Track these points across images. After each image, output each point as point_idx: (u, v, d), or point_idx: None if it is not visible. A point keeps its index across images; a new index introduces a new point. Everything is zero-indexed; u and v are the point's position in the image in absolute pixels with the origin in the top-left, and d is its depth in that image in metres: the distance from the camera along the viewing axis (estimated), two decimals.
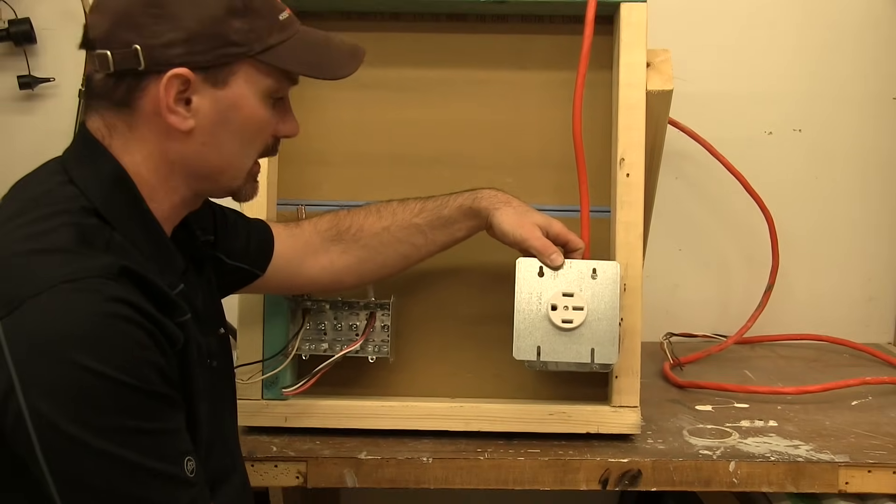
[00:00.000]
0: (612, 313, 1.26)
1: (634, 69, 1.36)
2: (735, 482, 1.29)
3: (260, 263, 1.27)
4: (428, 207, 1.31)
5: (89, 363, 0.82)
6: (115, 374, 0.83)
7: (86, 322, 0.83)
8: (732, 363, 1.78)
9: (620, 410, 1.34)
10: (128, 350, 0.85)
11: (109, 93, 0.97)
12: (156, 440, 0.86)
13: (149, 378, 0.86)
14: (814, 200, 1.98)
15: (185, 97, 0.96)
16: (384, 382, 1.42)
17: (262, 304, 1.37)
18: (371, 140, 1.43)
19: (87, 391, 0.82)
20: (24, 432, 0.82)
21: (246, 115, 1.00)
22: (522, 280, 1.26)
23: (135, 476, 0.84)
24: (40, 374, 0.82)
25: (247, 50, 0.98)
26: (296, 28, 1.04)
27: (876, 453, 1.32)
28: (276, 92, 1.03)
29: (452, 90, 1.43)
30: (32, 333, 0.83)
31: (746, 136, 1.93)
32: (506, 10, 1.40)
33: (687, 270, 2.00)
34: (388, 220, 1.31)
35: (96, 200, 0.95)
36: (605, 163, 1.40)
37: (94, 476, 0.83)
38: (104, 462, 0.83)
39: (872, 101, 1.95)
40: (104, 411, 0.83)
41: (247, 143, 1.03)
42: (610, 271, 1.26)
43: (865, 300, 2.01)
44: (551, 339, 1.25)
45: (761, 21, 1.92)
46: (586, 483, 1.30)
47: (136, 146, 0.98)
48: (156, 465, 0.85)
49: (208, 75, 0.97)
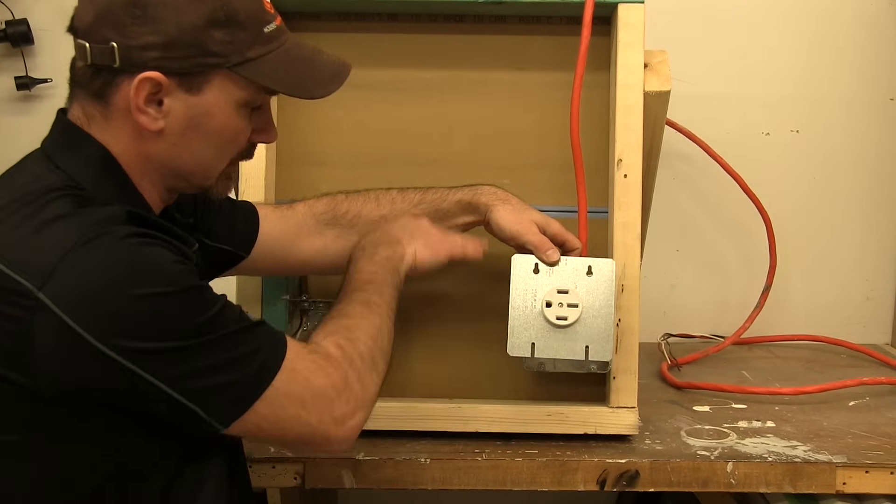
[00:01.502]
0: (607, 311, 1.26)
1: (632, 70, 1.36)
2: (733, 483, 1.29)
3: (244, 245, 1.28)
4: (427, 199, 1.32)
5: (143, 290, 0.89)
6: (167, 289, 0.91)
7: (119, 260, 0.90)
8: (730, 364, 1.78)
9: (618, 411, 1.34)
10: (164, 266, 0.92)
11: (88, 83, 0.99)
12: (222, 315, 0.95)
13: (189, 279, 0.94)
14: (811, 201, 1.98)
15: (157, 98, 0.98)
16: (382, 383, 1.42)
17: (260, 304, 1.37)
18: (369, 141, 1.43)
19: (155, 313, 0.90)
20: (123, 372, 0.90)
21: (219, 123, 1.01)
22: (517, 277, 1.26)
23: (227, 344, 0.94)
24: (107, 320, 0.89)
25: (224, 61, 0.98)
26: (282, 41, 1.04)
27: (873, 454, 1.33)
28: (253, 102, 1.04)
29: (450, 91, 1.43)
30: (80, 289, 0.88)
31: (744, 137, 1.94)
32: (503, 11, 1.40)
33: (684, 271, 2.01)
34: (386, 208, 1.32)
35: (85, 182, 0.98)
36: (602, 163, 1.40)
37: (198, 364, 0.92)
38: (201, 350, 0.92)
39: (870, 103, 1.95)
40: (177, 320, 0.92)
41: (218, 149, 1.04)
42: (606, 269, 1.26)
43: (863, 301, 2.01)
44: (546, 336, 1.25)
45: (759, 22, 1.92)
46: (584, 484, 1.30)
47: (113, 137, 1.01)
48: (232, 328, 0.95)
49: (182, 81, 0.98)
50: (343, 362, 1.03)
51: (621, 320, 1.33)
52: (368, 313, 1.10)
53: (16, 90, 1.88)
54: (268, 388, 0.96)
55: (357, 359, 1.04)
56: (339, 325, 1.08)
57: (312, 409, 0.99)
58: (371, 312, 1.11)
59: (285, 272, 1.37)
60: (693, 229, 1.99)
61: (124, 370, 0.89)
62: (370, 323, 1.09)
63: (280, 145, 1.42)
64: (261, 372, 0.96)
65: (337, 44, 1.42)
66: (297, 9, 1.41)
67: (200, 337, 0.92)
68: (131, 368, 0.89)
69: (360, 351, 1.05)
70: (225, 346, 0.94)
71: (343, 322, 1.08)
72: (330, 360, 1.02)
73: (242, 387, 0.95)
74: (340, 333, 1.06)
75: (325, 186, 1.39)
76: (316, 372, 1.00)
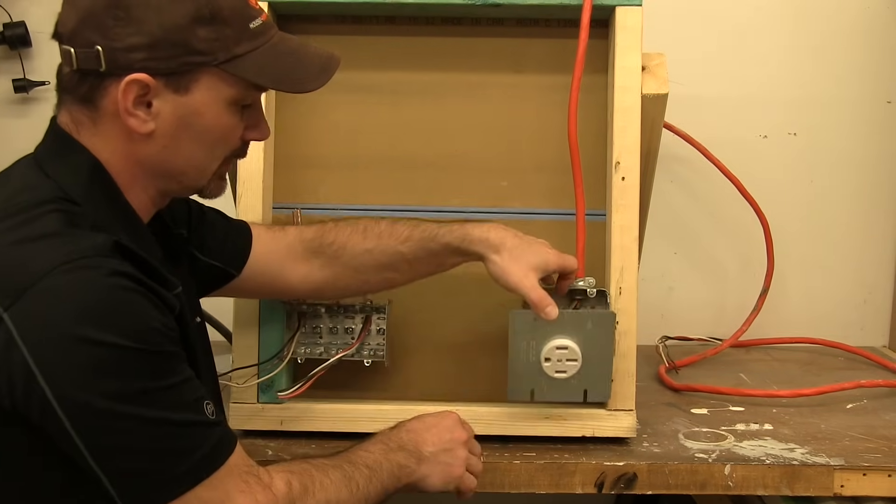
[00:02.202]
0: (606, 360, 1.28)
1: (630, 73, 1.36)
2: (730, 485, 1.29)
3: (236, 263, 1.26)
4: (415, 237, 1.27)
5: (102, 337, 0.86)
6: (129, 343, 0.87)
7: (91, 298, 0.87)
8: (728, 366, 1.78)
9: (616, 414, 1.34)
10: (135, 317, 0.88)
11: (75, 88, 0.98)
12: (174, 393, 0.91)
13: (158, 340, 0.90)
14: (808, 203, 1.98)
15: (145, 100, 0.97)
16: (380, 386, 1.42)
17: (258, 306, 1.37)
18: (367, 143, 1.43)
19: (106, 365, 0.86)
20: (54, 416, 0.86)
21: (209, 122, 1.00)
22: (516, 332, 1.27)
23: (165, 430, 0.89)
24: (58, 357, 0.86)
25: (211, 59, 0.98)
26: (268, 36, 1.03)
27: (871, 456, 1.33)
28: (243, 99, 1.03)
29: (448, 94, 1.43)
30: (41, 319, 0.86)
31: (741, 140, 1.94)
32: (501, 13, 1.40)
33: (682, 273, 2.01)
34: (372, 242, 1.28)
35: (73, 192, 0.97)
36: (600, 166, 1.40)
37: (127, 440, 0.88)
38: (134, 425, 0.88)
39: (867, 105, 1.95)
40: (125, 380, 0.87)
41: (210, 148, 1.03)
42: (605, 322, 1.28)
43: (860, 303, 2.01)
44: (545, 385, 1.28)
45: (756, 25, 1.93)
46: (582, 486, 1.30)
47: (102, 142, 0.99)
48: (180, 415, 0.91)
49: (170, 81, 0.97)
50: (281, 500, 0.98)
51: (619, 323, 1.33)
52: (343, 488, 1.05)
53: (13, 92, 1.87)
54: (188, 492, 0.91)
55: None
56: (306, 472, 1.03)
57: None
58: (346, 490, 1.05)
59: (270, 296, 1.34)
60: (691, 232, 1.99)
61: (54, 412, 0.86)
62: (337, 496, 1.04)
63: (278, 148, 1.42)
64: (187, 475, 0.91)
65: (334, 46, 1.40)
66: (294, 11, 1.41)
67: (141, 408, 0.88)
68: (59, 413, 0.86)
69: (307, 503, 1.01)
70: (162, 432, 0.89)
71: (313, 473, 1.03)
72: (266, 489, 0.97)
73: (162, 484, 0.90)
74: (301, 477, 1.02)
75: (323, 189, 1.40)
76: (244, 491, 0.95)
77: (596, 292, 1.32)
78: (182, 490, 0.91)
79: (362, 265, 1.29)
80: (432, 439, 1.16)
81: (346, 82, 1.42)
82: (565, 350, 1.26)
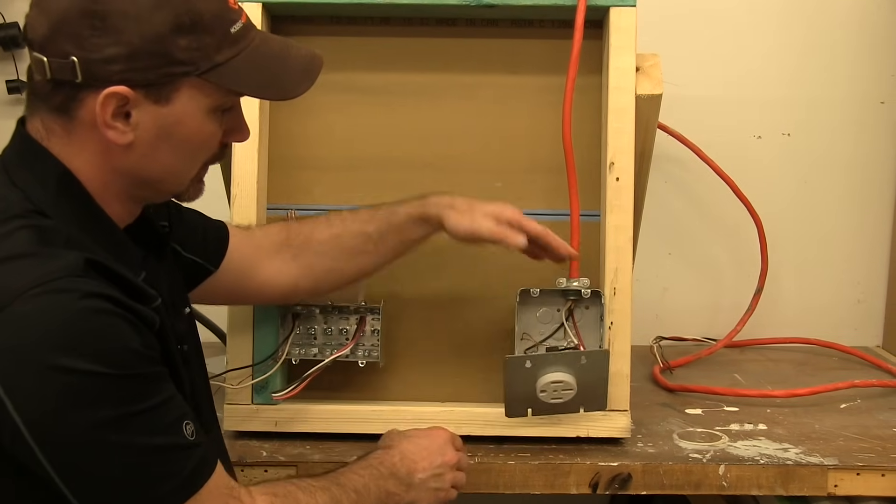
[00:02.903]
0: (601, 387, 1.30)
1: (624, 73, 1.36)
2: (725, 485, 1.30)
3: (214, 259, 1.25)
4: (378, 216, 1.29)
5: (75, 364, 0.83)
6: (103, 369, 0.84)
7: (61, 325, 0.84)
8: (722, 367, 1.78)
9: (610, 414, 1.35)
10: (109, 341, 0.85)
11: (48, 97, 0.94)
12: (151, 417, 0.88)
13: (134, 363, 0.87)
14: (802, 204, 1.98)
15: (124, 111, 0.93)
16: (374, 387, 1.42)
17: (252, 308, 1.37)
18: (361, 144, 1.43)
19: (76, 391, 0.83)
20: (24, 443, 0.83)
21: (190, 131, 0.97)
22: (511, 376, 1.28)
23: (140, 456, 0.86)
24: (27, 385, 0.82)
25: (192, 69, 0.94)
26: (249, 39, 0.99)
27: (865, 456, 1.33)
28: (224, 106, 0.99)
29: (442, 94, 1.43)
30: (10, 347, 0.83)
31: (735, 140, 1.94)
32: (496, 14, 1.40)
33: (676, 274, 2.01)
34: (337, 228, 1.30)
35: (43, 203, 0.93)
36: (594, 167, 1.40)
37: (100, 467, 0.85)
38: (107, 452, 0.85)
39: (860, 105, 1.96)
40: (97, 406, 0.84)
41: (190, 156, 1.00)
42: (599, 358, 1.29)
43: (854, 303, 2.01)
44: (542, 407, 1.30)
45: (750, 26, 1.93)
46: (577, 487, 1.30)
47: (74, 152, 0.95)
48: (157, 440, 0.88)
49: (150, 92, 0.93)
50: None
51: (613, 323, 1.34)
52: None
53: (7, 93, 1.87)
54: None
55: None
56: (290, 494, 1.02)
57: None
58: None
59: (246, 296, 1.32)
60: (685, 232, 2.00)
61: (24, 440, 0.83)
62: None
63: (272, 149, 1.42)
64: (166, 499, 0.89)
65: (329, 47, 1.42)
66: (288, 12, 1.41)
67: (115, 434, 0.85)
68: (29, 442, 0.83)
69: None
70: (139, 458, 0.87)
71: (299, 496, 1.02)
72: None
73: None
74: (286, 500, 1.00)
75: (317, 190, 1.40)
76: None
77: (590, 293, 1.32)
78: None
79: (332, 251, 1.29)
80: (423, 465, 1.17)
81: (340, 83, 1.42)
82: (560, 383, 1.28)
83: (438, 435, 1.21)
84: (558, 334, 1.35)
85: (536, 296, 1.33)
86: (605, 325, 1.34)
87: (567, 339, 1.34)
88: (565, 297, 1.34)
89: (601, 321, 1.34)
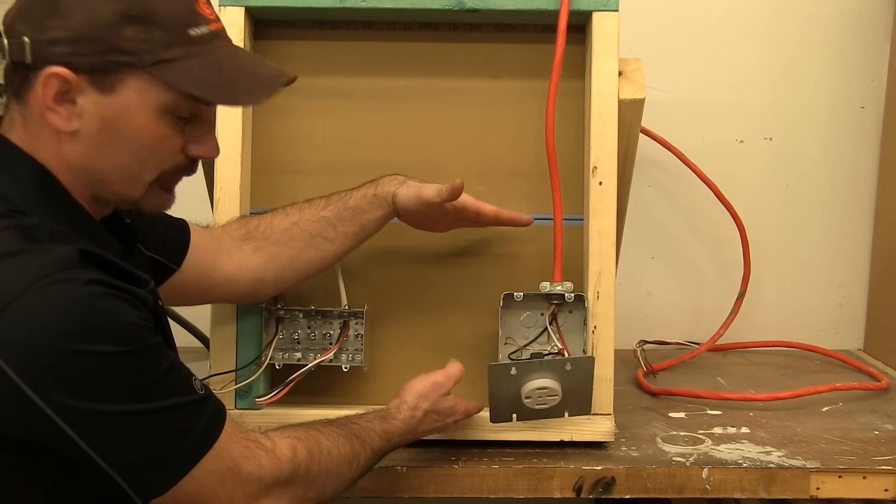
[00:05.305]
0: (586, 391, 1.30)
1: (606, 78, 1.37)
2: (708, 489, 1.30)
3: (176, 257, 1.25)
4: (333, 201, 1.32)
5: (90, 348, 0.86)
6: (116, 348, 0.88)
7: (72, 311, 0.86)
8: (705, 370, 1.79)
9: (594, 418, 1.35)
10: (116, 321, 0.89)
11: (9, 84, 0.96)
12: (165, 381, 0.93)
13: (140, 336, 0.91)
14: (784, 208, 1.99)
15: (69, 97, 0.94)
16: (358, 391, 1.42)
17: (235, 312, 1.37)
18: (344, 148, 1.43)
19: (98, 373, 0.87)
20: (55, 428, 0.87)
21: (135, 128, 0.96)
22: (496, 384, 1.28)
23: (165, 417, 0.92)
24: (50, 374, 0.86)
25: (135, 60, 0.94)
26: (213, 46, 0.98)
27: (846, 458, 1.34)
28: (178, 109, 0.98)
29: (425, 99, 1.43)
30: (24, 338, 0.85)
31: (718, 145, 1.95)
32: (478, 18, 1.41)
33: (659, 278, 2.01)
34: (295, 216, 1.32)
35: (20, 203, 0.94)
36: (577, 171, 1.40)
37: (133, 435, 0.90)
38: (137, 420, 0.90)
39: (841, 110, 1.97)
40: (119, 382, 0.89)
41: (137, 156, 0.98)
42: (584, 364, 1.29)
43: (835, 307, 2.02)
44: (527, 413, 1.30)
45: (732, 31, 1.94)
46: (560, 491, 1.30)
47: (32, 142, 0.97)
48: (176, 399, 0.93)
49: (93, 79, 0.94)
50: (286, 464, 1.01)
51: (597, 327, 1.34)
52: (346, 464, 1.09)
53: None
54: (194, 468, 0.93)
55: (305, 473, 1.03)
56: (313, 438, 1.07)
57: (230, 488, 0.97)
58: (348, 466, 1.10)
59: (210, 294, 1.32)
60: (668, 236, 2.00)
61: (54, 425, 0.86)
62: (339, 469, 1.08)
63: (255, 153, 1.42)
64: (192, 451, 0.94)
65: (311, 51, 1.42)
66: (271, 17, 1.41)
67: (138, 403, 0.90)
68: (61, 426, 0.87)
69: (312, 470, 1.04)
70: (161, 419, 0.92)
71: (322, 441, 1.07)
72: (269, 453, 1.00)
73: (170, 465, 0.93)
74: (308, 443, 1.05)
75: (300, 194, 1.39)
76: (248, 458, 0.98)
77: (574, 297, 1.33)
78: (189, 467, 0.93)
79: (291, 239, 1.30)
80: (429, 422, 1.25)
81: (323, 87, 1.42)
82: (545, 390, 1.28)
83: (437, 386, 1.26)
84: (542, 338, 1.35)
85: (520, 300, 1.33)
86: (589, 329, 1.34)
87: (551, 343, 1.34)
88: (549, 300, 1.34)
89: (584, 325, 1.34)
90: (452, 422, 1.28)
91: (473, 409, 1.31)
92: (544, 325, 1.35)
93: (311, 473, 1.04)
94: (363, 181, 1.35)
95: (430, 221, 1.33)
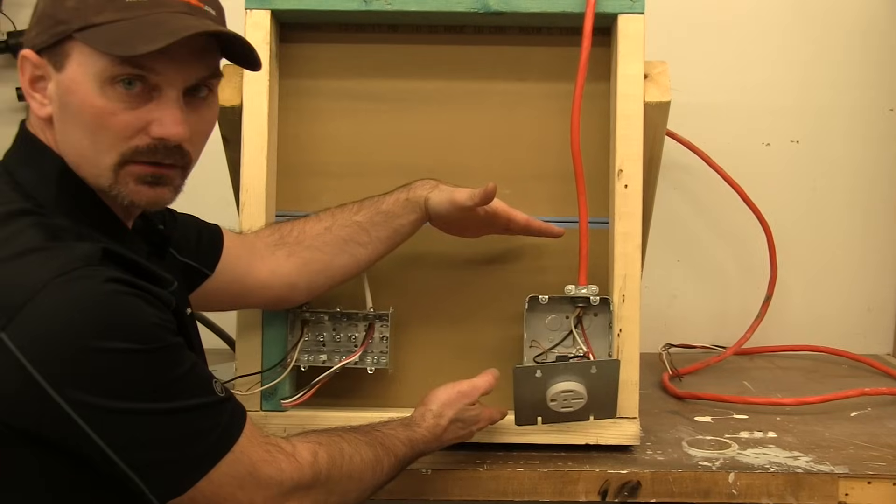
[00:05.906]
0: (611, 394, 1.29)
1: (632, 80, 1.36)
2: (734, 493, 1.29)
3: (209, 262, 1.25)
4: (365, 205, 1.32)
5: (109, 345, 0.86)
6: (135, 346, 0.88)
7: (92, 308, 0.86)
8: (731, 374, 1.78)
9: (619, 422, 1.34)
10: (136, 320, 0.89)
11: None
12: (185, 381, 0.93)
13: (161, 336, 0.91)
14: (811, 211, 1.98)
15: (44, 84, 0.96)
16: (383, 394, 1.42)
17: (261, 314, 1.37)
18: (369, 151, 1.43)
19: (116, 371, 0.87)
20: (72, 424, 0.86)
21: (80, 101, 0.92)
22: (521, 386, 1.28)
23: (184, 417, 0.92)
24: (68, 370, 0.86)
25: (67, 28, 0.92)
26: (155, 12, 0.92)
27: (875, 464, 1.32)
28: (117, 76, 0.91)
29: (450, 101, 1.43)
30: (43, 334, 0.85)
31: (744, 148, 1.94)
32: (503, 21, 1.41)
33: (685, 281, 2.01)
34: (328, 221, 1.32)
35: (46, 201, 0.95)
36: (603, 174, 1.40)
37: (151, 434, 0.90)
38: (155, 419, 0.90)
39: (869, 113, 1.95)
40: (138, 381, 0.89)
41: (89, 133, 0.93)
42: (609, 367, 1.28)
43: (864, 311, 2.01)
44: (552, 415, 1.29)
45: (759, 33, 1.93)
46: (585, 494, 1.29)
47: (39, 130, 0.99)
48: (196, 400, 0.93)
49: (51, 58, 0.94)
50: (306, 469, 1.01)
51: (622, 330, 1.33)
52: (369, 470, 1.09)
53: (17, 101, 1.88)
54: (212, 469, 0.93)
55: (326, 478, 1.03)
56: (335, 444, 1.06)
57: (249, 491, 0.96)
58: (371, 472, 1.09)
59: (243, 298, 1.32)
60: (693, 239, 1.99)
61: (71, 421, 0.86)
62: (361, 475, 1.07)
63: (281, 155, 1.42)
64: (209, 453, 0.93)
65: (337, 54, 1.43)
66: (297, 20, 1.41)
67: (157, 402, 0.90)
68: (78, 422, 0.86)
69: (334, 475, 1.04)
70: (180, 419, 0.92)
71: (343, 447, 1.07)
72: (289, 457, 1.00)
73: (188, 466, 0.92)
74: (329, 448, 1.05)
75: (325, 196, 1.40)
76: (267, 461, 0.98)
77: (599, 300, 1.32)
78: (206, 469, 0.93)
79: (325, 244, 1.30)
80: (453, 430, 1.24)
81: (349, 90, 1.43)
82: (570, 392, 1.27)
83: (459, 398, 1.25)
84: (567, 341, 1.35)
85: (545, 303, 1.33)
86: (614, 333, 1.33)
87: (576, 346, 1.33)
88: (574, 304, 1.34)
89: (610, 328, 1.34)
90: (477, 429, 1.28)
91: (498, 417, 1.31)
92: (569, 328, 1.34)
93: (333, 478, 1.04)
94: (388, 184, 1.36)
95: (461, 226, 1.33)
